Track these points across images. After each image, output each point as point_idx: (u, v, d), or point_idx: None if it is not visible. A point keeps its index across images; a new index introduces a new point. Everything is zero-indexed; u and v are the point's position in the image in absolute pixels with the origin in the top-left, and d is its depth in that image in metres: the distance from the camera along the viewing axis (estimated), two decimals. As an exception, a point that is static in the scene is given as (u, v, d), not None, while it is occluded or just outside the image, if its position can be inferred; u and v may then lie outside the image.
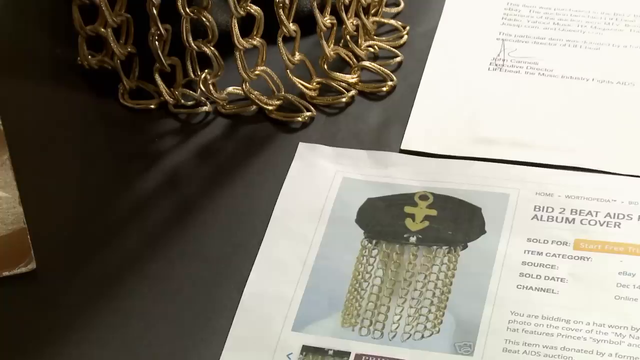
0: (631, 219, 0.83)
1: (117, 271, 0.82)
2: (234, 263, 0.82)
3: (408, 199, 0.85)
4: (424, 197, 0.85)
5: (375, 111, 0.90)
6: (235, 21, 0.87)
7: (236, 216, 0.84)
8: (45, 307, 0.80)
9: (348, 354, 0.77)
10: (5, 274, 0.82)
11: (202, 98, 0.90)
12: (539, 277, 0.80)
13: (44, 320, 0.80)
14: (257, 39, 0.88)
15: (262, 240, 0.83)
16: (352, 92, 0.91)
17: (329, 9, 0.89)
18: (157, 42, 0.88)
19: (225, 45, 0.88)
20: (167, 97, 0.90)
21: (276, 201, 0.85)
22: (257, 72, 0.89)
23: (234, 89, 0.90)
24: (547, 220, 0.83)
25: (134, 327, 0.79)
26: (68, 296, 0.81)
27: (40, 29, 0.95)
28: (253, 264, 0.81)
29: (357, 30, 0.92)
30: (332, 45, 0.91)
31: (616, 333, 0.77)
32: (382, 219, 0.84)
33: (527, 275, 0.80)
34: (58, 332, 0.79)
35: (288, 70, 0.89)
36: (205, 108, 0.90)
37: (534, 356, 0.76)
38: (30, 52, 0.93)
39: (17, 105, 0.90)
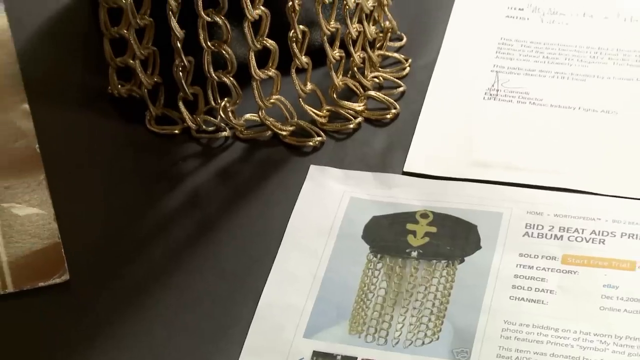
0: (614, 236, 0.82)
1: (143, 283, 0.81)
2: (250, 276, 0.81)
3: (410, 217, 0.84)
4: (424, 215, 0.84)
5: (380, 136, 0.89)
6: (253, 54, 0.86)
7: (252, 233, 0.84)
8: (77, 315, 0.80)
9: (355, 359, 0.77)
10: (41, 284, 0.81)
11: (222, 124, 0.90)
12: (529, 289, 0.80)
13: (75, 327, 0.79)
14: (272, 70, 0.87)
15: (275, 255, 0.82)
16: (359, 119, 0.90)
17: (338, 43, 0.89)
18: (181, 73, 0.88)
19: (243, 76, 0.87)
20: (190, 123, 0.89)
21: (289, 219, 0.84)
22: (272, 101, 0.89)
23: (251, 115, 0.90)
24: (537, 237, 0.82)
25: (157, 336, 0.79)
26: (98, 305, 0.80)
27: (73, 59, 0.95)
28: (267, 277, 0.81)
29: (363, 62, 0.91)
30: (340, 76, 0.90)
31: (601, 341, 0.77)
32: (386, 235, 0.83)
33: (519, 287, 0.80)
34: (88, 339, 0.79)
35: (300, 99, 0.89)
36: (224, 133, 0.90)
37: (528, 363, 0.76)
38: (64, 81, 0.93)
39: (52, 130, 0.90)
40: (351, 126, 0.90)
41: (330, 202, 0.85)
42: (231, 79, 0.87)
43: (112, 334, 0.79)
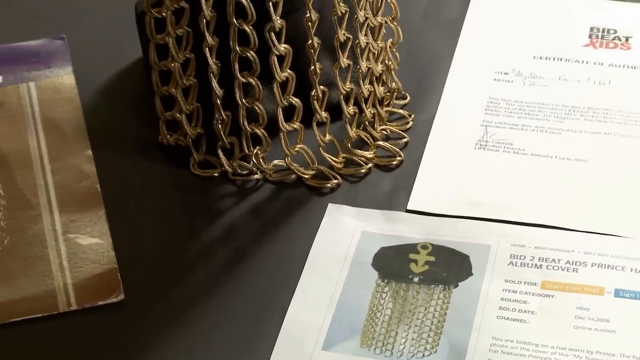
0: (586, 265, 0.81)
1: (185, 303, 0.81)
2: (276, 298, 0.81)
3: (412, 248, 0.83)
4: (424, 246, 0.83)
5: (387, 180, 0.89)
6: (280, 109, 0.86)
7: (278, 261, 0.84)
8: (129, 329, 0.80)
9: None
10: (100, 303, 0.81)
11: (254, 168, 0.89)
12: (513, 310, 0.79)
13: (127, 340, 0.79)
14: (297, 123, 0.87)
15: (298, 280, 0.82)
16: (370, 165, 0.90)
17: (352, 101, 0.89)
18: (220, 125, 0.87)
19: (273, 128, 0.87)
20: (227, 168, 0.89)
21: (310, 249, 0.84)
22: (296, 149, 0.88)
23: (278, 161, 0.89)
24: (520, 266, 0.82)
25: (199, 348, 0.78)
26: (147, 322, 0.80)
27: (130, 113, 0.94)
28: (291, 299, 0.80)
29: (373, 117, 0.91)
30: (354, 129, 0.89)
31: (575, 355, 0.76)
32: (392, 263, 0.83)
33: (505, 309, 0.79)
34: (138, 350, 0.78)
35: (320, 148, 0.88)
36: (256, 176, 0.89)
37: (511, 373, 0.75)
38: (122, 131, 0.93)
39: (111, 173, 0.90)
40: (363, 171, 0.89)
41: (344, 235, 0.85)
42: (262, 130, 0.87)
43: (158, 346, 0.78)
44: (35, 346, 0.79)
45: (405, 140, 0.91)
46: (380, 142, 0.91)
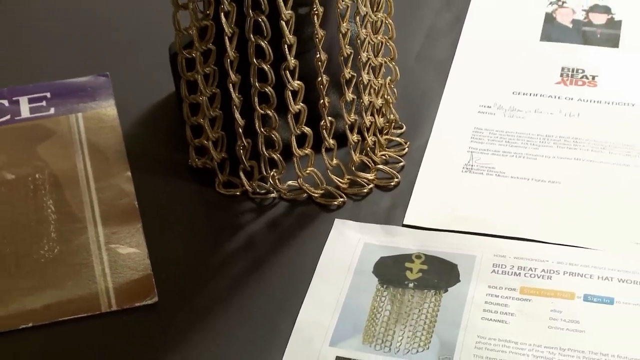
0: (559, 273, 0.81)
1: (210, 305, 0.80)
2: (289, 301, 0.80)
3: (408, 258, 0.83)
4: (418, 256, 0.83)
5: (386, 198, 0.88)
6: (294, 137, 0.85)
7: (291, 268, 0.83)
8: (162, 327, 0.79)
9: None
10: (137, 304, 0.80)
11: (271, 188, 0.88)
12: (496, 312, 0.78)
13: (160, 337, 0.79)
14: (308, 149, 0.86)
15: (309, 285, 0.81)
16: (371, 186, 0.89)
17: (356, 130, 0.88)
18: (241, 151, 0.87)
19: (287, 153, 0.86)
20: (248, 187, 0.88)
21: (319, 259, 0.83)
22: (307, 171, 0.87)
23: (292, 182, 0.88)
24: (501, 274, 0.81)
25: (222, 343, 0.78)
26: (178, 321, 0.79)
27: (163, 140, 0.94)
28: (302, 302, 0.80)
29: (374, 144, 0.90)
30: (357, 154, 0.89)
31: (549, 352, 0.76)
32: (390, 271, 0.82)
33: (488, 311, 0.78)
34: (169, 345, 0.78)
35: (328, 170, 0.88)
36: (272, 195, 0.88)
37: (493, 367, 0.75)
38: (156, 155, 0.92)
39: (147, 191, 0.89)
40: (365, 191, 0.88)
41: (349, 247, 0.84)
42: (278, 155, 0.86)
43: (186, 342, 0.78)
44: (80, 342, 0.79)
45: (401, 164, 0.90)
46: (380, 166, 0.90)
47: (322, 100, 0.85)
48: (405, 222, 0.86)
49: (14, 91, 0.98)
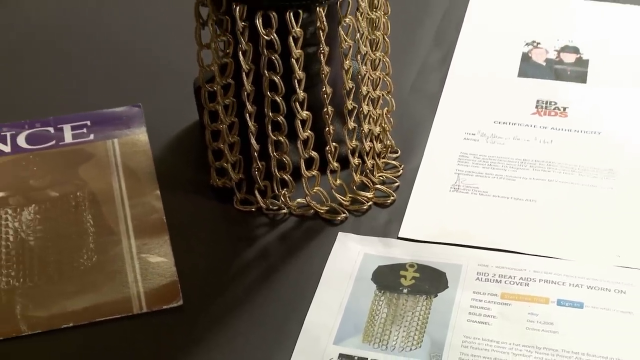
0: (535, 281, 0.80)
1: (228, 308, 0.80)
2: (298, 304, 0.79)
3: (402, 266, 0.82)
4: (411, 265, 0.82)
5: (383, 214, 0.87)
6: (303, 160, 0.85)
7: (300, 276, 0.82)
8: (186, 328, 0.79)
9: (366, 359, 0.75)
10: (164, 307, 0.80)
11: (282, 205, 0.87)
12: (479, 314, 0.78)
13: (185, 335, 0.78)
14: (315, 171, 0.85)
15: (315, 290, 0.80)
16: (370, 203, 0.88)
17: (357, 154, 0.87)
18: (256, 172, 0.86)
19: (297, 174, 0.85)
20: (262, 204, 0.87)
21: (324, 267, 0.82)
22: (314, 190, 0.86)
23: (301, 199, 0.87)
24: (484, 281, 0.80)
25: (239, 342, 0.77)
26: (200, 322, 0.79)
27: (188, 162, 0.93)
28: (310, 305, 0.79)
29: (373, 166, 0.89)
30: (358, 175, 0.88)
31: (527, 350, 0.75)
32: (387, 278, 0.81)
33: (473, 314, 0.78)
34: (193, 343, 0.77)
35: (332, 189, 0.87)
36: (283, 211, 0.87)
37: (477, 364, 0.74)
38: (182, 176, 0.91)
39: (174, 207, 0.88)
40: (365, 207, 0.87)
41: (350, 257, 0.83)
42: (289, 176, 0.86)
43: (208, 340, 0.77)
44: (114, 340, 0.78)
45: (397, 184, 0.90)
46: (378, 186, 0.89)
47: (327, 128, 0.84)
48: (400, 235, 0.85)
49: (58, 120, 0.97)
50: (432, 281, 0.80)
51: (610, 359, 0.74)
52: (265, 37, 0.80)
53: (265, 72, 0.81)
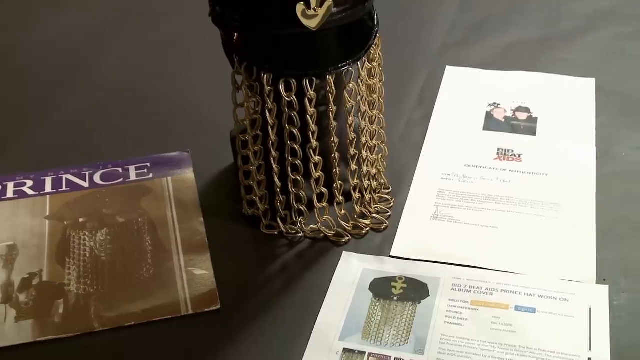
0: (498, 291, 0.79)
1: (255, 312, 0.78)
2: (311, 308, 0.78)
3: (393, 279, 0.81)
4: (400, 278, 0.81)
5: (378, 237, 0.86)
6: (315, 195, 0.84)
7: (312, 286, 0.81)
8: (223, 327, 0.77)
9: (364, 353, 0.74)
10: (205, 310, 0.78)
11: (299, 230, 0.86)
12: (454, 317, 0.76)
13: (221, 334, 0.77)
14: (325, 203, 0.85)
15: (324, 298, 0.79)
16: (368, 229, 0.87)
17: (358, 190, 0.87)
18: (278, 204, 0.85)
19: (310, 206, 0.85)
20: (283, 229, 0.86)
21: (332, 279, 0.81)
22: (324, 218, 0.85)
23: (313, 225, 0.86)
24: (458, 291, 0.79)
25: (264, 339, 0.76)
26: (233, 322, 0.78)
27: (225, 194, 0.92)
28: (320, 309, 0.78)
29: (370, 200, 0.88)
30: (359, 207, 0.87)
31: (491, 346, 0.74)
32: (381, 288, 0.80)
33: (449, 317, 0.77)
34: (228, 340, 0.76)
35: (338, 218, 0.86)
36: (300, 234, 0.86)
37: (453, 357, 0.73)
38: (221, 205, 0.90)
39: (214, 231, 0.87)
40: (364, 232, 0.86)
41: (352, 271, 0.82)
42: (304, 207, 0.85)
43: (240, 337, 0.76)
44: (166, 335, 0.77)
45: (389, 214, 0.88)
46: (374, 215, 0.88)
47: (334, 170, 0.84)
48: (391, 254, 0.83)
49: (126, 162, 0.97)
50: (416, 291, 0.79)
51: (557, 352, 0.73)
52: (286, 98, 0.79)
53: (286, 125, 0.81)
